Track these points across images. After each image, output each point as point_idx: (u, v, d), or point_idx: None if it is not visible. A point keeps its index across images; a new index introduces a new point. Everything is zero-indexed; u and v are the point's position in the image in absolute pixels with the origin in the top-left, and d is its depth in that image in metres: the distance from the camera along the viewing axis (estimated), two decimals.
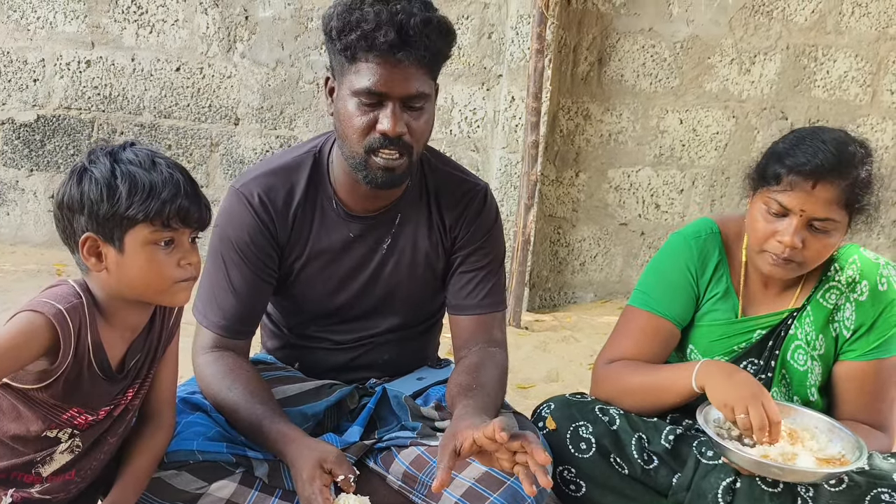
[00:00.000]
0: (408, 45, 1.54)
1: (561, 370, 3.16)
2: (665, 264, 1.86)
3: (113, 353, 1.46)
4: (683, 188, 4.10)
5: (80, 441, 1.48)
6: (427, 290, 1.89)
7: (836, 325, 1.78)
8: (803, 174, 1.62)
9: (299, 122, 4.06)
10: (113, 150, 1.40)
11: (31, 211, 4.20)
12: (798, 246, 1.64)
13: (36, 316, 1.34)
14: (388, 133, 1.58)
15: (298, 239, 1.78)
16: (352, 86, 1.59)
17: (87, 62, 4.06)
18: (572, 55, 3.93)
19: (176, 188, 1.37)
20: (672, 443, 1.70)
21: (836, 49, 3.99)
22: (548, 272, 4.14)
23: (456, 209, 1.82)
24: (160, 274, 1.39)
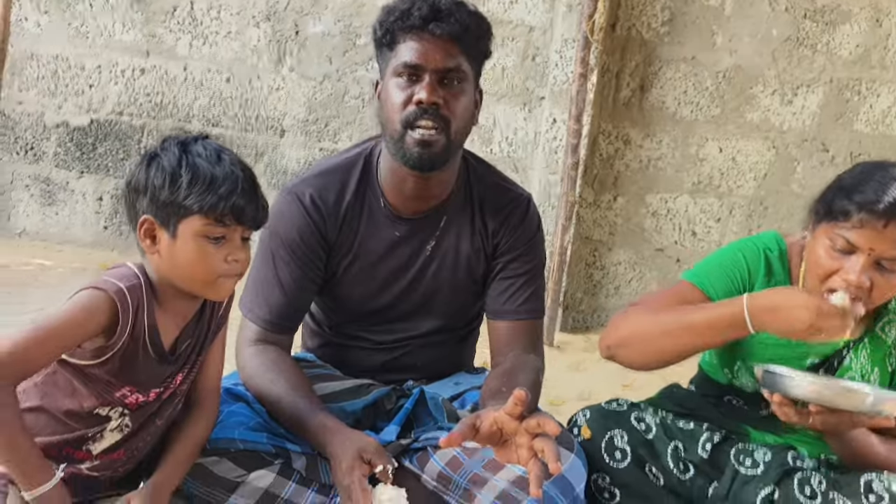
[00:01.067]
0: (440, 19, 1.66)
1: (594, 389, 3.16)
2: (729, 256, 1.82)
3: (166, 335, 1.51)
4: (721, 217, 4.10)
5: (129, 420, 1.52)
6: (467, 295, 1.92)
7: (894, 359, 1.75)
8: (875, 213, 1.56)
9: (343, 135, 4.14)
10: (185, 140, 1.46)
11: (79, 212, 4.31)
12: (865, 285, 1.59)
13: (98, 293, 1.40)
14: (424, 101, 1.65)
15: (346, 238, 1.82)
16: (393, 69, 1.69)
17: (141, 70, 4.18)
18: (615, 80, 3.97)
19: (234, 185, 1.41)
20: (709, 451, 1.69)
21: (880, 83, 3.99)
22: (582, 294, 4.15)
23: (499, 216, 1.86)
24: (206, 266, 1.44)
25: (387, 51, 1.72)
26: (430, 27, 1.66)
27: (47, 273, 3.88)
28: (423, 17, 1.66)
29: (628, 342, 1.73)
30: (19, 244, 4.25)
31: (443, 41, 1.68)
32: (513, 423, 1.45)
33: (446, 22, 1.67)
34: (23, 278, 3.75)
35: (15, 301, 3.40)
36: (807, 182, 3.94)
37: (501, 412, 1.45)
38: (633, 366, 1.75)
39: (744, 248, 1.82)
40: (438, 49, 1.68)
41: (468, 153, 1.90)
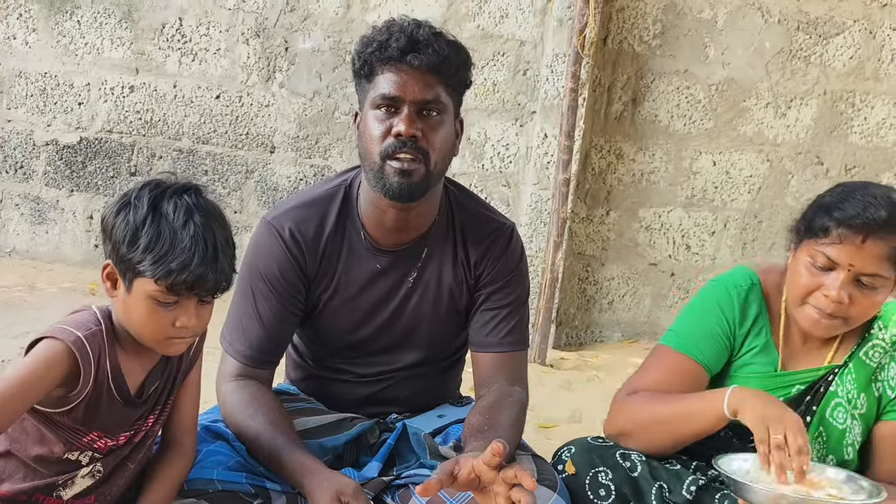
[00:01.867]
0: (417, 50, 1.65)
1: (584, 411, 3.13)
2: (703, 311, 1.82)
3: (132, 378, 1.49)
4: (715, 230, 4.08)
5: (101, 466, 1.50)
6: (450, 326, 1.90)
7: (880, 384, 1.74)
8: (854, 228, 1.58)
9: (334, 152, 4.12)
10: (162, 192, 1.42)
11: (69, 230, 4.29)
12: (844, 301, 1.60)
13: (55, 344, 1.38)
14: (402, 133, 1.63)
15: (327, 271, 1.80)
16: (372, 100, 1.67)
17: (130, 87, 4.16)
18: (606, 94, 3.95)
19: (190, 258, 1.37)
20: (694, 493, 1.67)
21: (874, 96, 3.96)
22: (575, 310, 4.12)
23: (481, 247, 1.84)
24: (153, 327, 1.42)
25: (365, 82, 1.71)
26: (407, 59, 1.65)
27: (37, 293, 3.86)
28: (400, 49, 1.65)
29: (628, 434, 1.75)
30: (9, 263, 4.23)
31: (421, 73, 1.66)
32: (490, 473, 1.42)
33: (424, 53, 1.65)
34: (12, 299, 3.73)
35: (3, 322, 3.37)
36: (801, 195, 3.91)
37: (479, 461, 1.42)
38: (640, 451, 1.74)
39: (717, 299, 1.81)
40: (416, 81, 1.66)
41: (449, 181, 1.88)
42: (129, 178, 4.23)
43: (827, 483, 1.58)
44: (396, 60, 1.65)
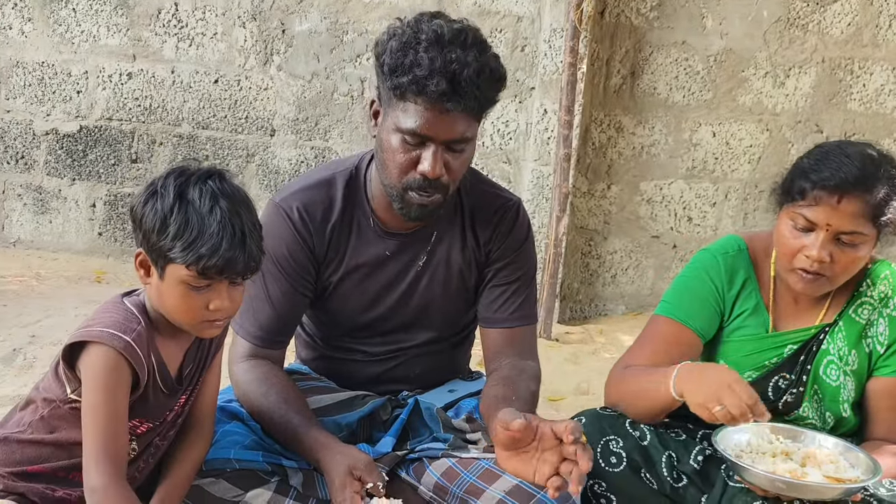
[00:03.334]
0: (458, 96, 1.55)
1: (591, 382, 3.17)
2: (691, 278, 1.87)
3: (172, 365, 1.53)
4: (716, 201, 4.09)
5: (136, 444, 1.53)
6: (460, 305, 1.91)
7: (870, 340, 1.78)
8: (828, 189, 1.62)
9: (334, 133, 4.12)
10: (187, 179, 1.44)
11: (72, 219, 4.30)
12: (826, 260, 1.64)
13: (109, 351, 1.42)
14: (428, 175, 1.61)
15: (336, 253, 1.81)
16: (397, 122, 1.61)
17: (128, 74, 4.16)
18: (605, 68, 3.95)
19: (219, 242, 1.40)
20: (701, 463, 1.70)
21: (872, 62, 3.96)
22: (579, 284, 4.15)
23: (489, 224, 1.85)
24: (189, 311, 1.46)
25: (392, 94, 1.61)
26: (446, 105, 1.56)
27: (44, 282, 3.88)
28: (440, 93, 1.54)
29: (620, 404, 1.80)
30: (14, 254, 4.25)
31: (458, 115, 1.58)
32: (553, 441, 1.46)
33: (465, 99, 1.56)
34: (19, 289, 3.75)
35: (12, 312, 3.40)
36: None
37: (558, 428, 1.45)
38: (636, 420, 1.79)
39: (706, 267, 1.85)
40: (451, 123, 1.59)
41: None
42: (131, 166, 4.24)
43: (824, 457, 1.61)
44: (434, 101, 1.56)
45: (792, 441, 1.67)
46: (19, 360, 2.92)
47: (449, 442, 1.76)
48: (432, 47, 1.56)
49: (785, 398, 1.82)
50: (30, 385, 2.68)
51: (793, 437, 1.68)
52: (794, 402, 1.81)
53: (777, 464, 1.58)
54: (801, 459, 1.61)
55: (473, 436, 1.83)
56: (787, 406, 1.82)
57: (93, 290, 3.82)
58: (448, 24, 1.60)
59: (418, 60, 1.55)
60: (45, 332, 3.20)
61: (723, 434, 1.63)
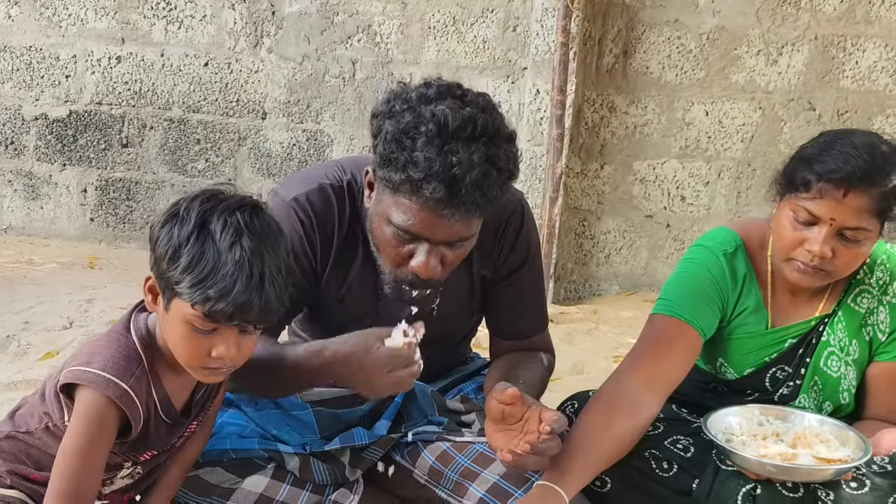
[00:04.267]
0: (457, 201, 1.37)
1: (586, 363, 3.18)
2: (692, 275, 1.78)
3: (178, 398, 1.45)
4: (709, 180, 4.09)
5: (140, 468, 1.51)
6: (468, 317, 1.88)
7: (870, 328, 1.75)
8: (834, 182, 1.55)
9: (326, 115, 4.10)
10: (212, 207, 1.29)
11: (64, 205, 4.28)
12: (828, 255, 1.59)
13: (99, 398, 1.32)
14: (421, 275, 1.47)
15: (339, 271, 1.68)
16: (390, 215, 1.45)
17: (117, 58, 4.12)
18: (597, 47, 3.93)
19: (233, 285, 1.23)
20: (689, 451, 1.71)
21: (865, 39, 3.94)
22: (573, 264, 4.15)
23: (495, 238, 1.72)
24: (189, 353, 1.33)
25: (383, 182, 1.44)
26: (444, 212, 1.39)
27: (36, 269, 3.86)
28: (437, 201, 1.37)
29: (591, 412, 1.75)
30: (5, 240, 4.23)
31: (457, 219, 1.41)
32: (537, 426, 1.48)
33: (465, 206, 1.38)
34: (11, 275, 3.73)
35: (5, 299, 3.39)
36: (794, 142, 3.90)
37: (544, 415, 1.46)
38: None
39: (708, 265, 1.77)
40: (448, 226, 1.42)
41: None
42: (122, 150, 4.21)
43: (814, 437, 1.61)
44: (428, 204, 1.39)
45: (781, 422, 1.67)
46: (13, 347, 2.92)
47: (444, 425, 1.77)
48: (431, 143, 1.36)
49: (781, 390, 1.80)
50: (25, 371, 2.69)
51: (782, 417, 1.69)
52: (790, 395, 1.80)
53: (768, 446, 1.58)
54: (792, 440, 1.61)
55: (468, 417, 1.84)
56: (783, 398, 1.80)
57: (86, 275, 3.81)
58: (454, 110, 1.37)
59: (414, 159, 1.36)
60: (38, 319, 3.19)
61: (712, 418, 1.64)
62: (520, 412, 1.49)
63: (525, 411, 1.49)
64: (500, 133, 1.42)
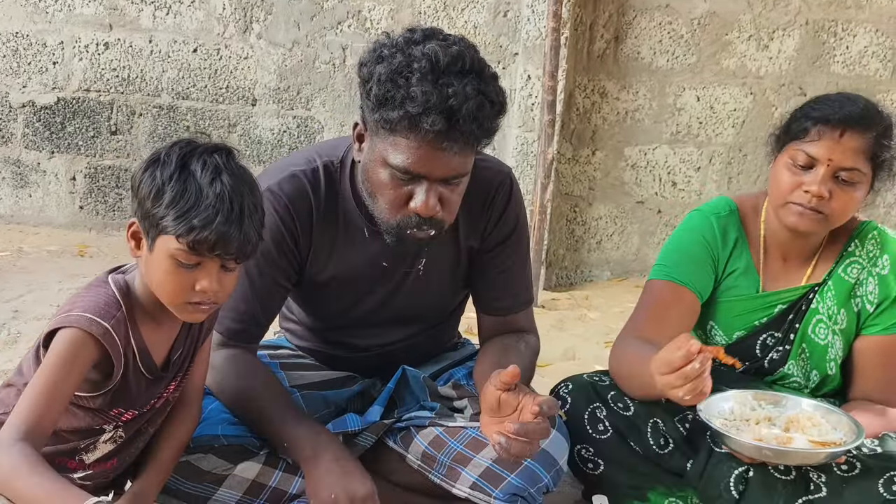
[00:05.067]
0: (456, 133, 1.41)
1: (578, 348, 3.19)
2: (685, 239, 1.86)
3: (158, 352, 1.48)
4: (700, 166, 4.09)
5: (122, 432, 1.51)
6: (455, 292, 1.88)
7: (859, 299, 1.79)
8: (831, 124, 1.65)
9: (316, 102, 4.08)
10: (191, 150, 1.37)
11: (53, 192, 4.25)
12: (825, 195, 1.65)
13: (78, 333, 1.35)
14: (422, 214, 1.49)
15: (321, 250, 1.70)
16: (387, 156, 1.47)
17: (105, 44, 4.08)
18: (588, 33, 3.92)
19: (215, 214, 1.31)
20: (687, 429, 1.72)
21: (856, 24, 3.95)
22: (564, 251, 4.15)
23: (483, 208, 1.74)
24: (174, 289, 1.37)
25: (379, 126, 1.46)
26: (442, 144, 1.41)
27: (25, 257, 3.84)
28: (435, 133, 1.39)
29: (619, 381, 1.80)
30: None
31: (454, 152, 1.44)
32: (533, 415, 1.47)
33: (463, 136, 1.41)
34: (1, 264, 3.71)
35: None
36: None
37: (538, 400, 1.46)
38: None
39: (699, 228, 1.85)
40: (447, 160, 1.44)
41: None
42: (111, 137, 4.18)
43: (807, 421, 1.63)
44: (427, 139, 1.41)
45: (774, 406, 1.69)
46: (3, 336, 2.91)
47: (436, 410, 1.77)
48: (426, 78, 1.39)
49: (771, 355, 1.84)
50: (15, 360, 2.67)
51: (775, 402, 1.70)
52: (779, 360, 1.84)
53: (761, 430, 1.60)
54: (785, 424, 1.63)
55: (460, 403, 1.84)
56: (773, 364, 1.84)
57: (76, 264, 3.79)
58: (443, 48, 1.42)
59: (411, 94, 1.39)
60: (28, 307, 3.18)
61: (707, 402, 1.64)
62: (515, 401, 1.48)
63: (520, 400, 1.48)
64: (486, 69, 1.48)
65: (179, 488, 1.62)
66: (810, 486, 1.61)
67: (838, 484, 1.58)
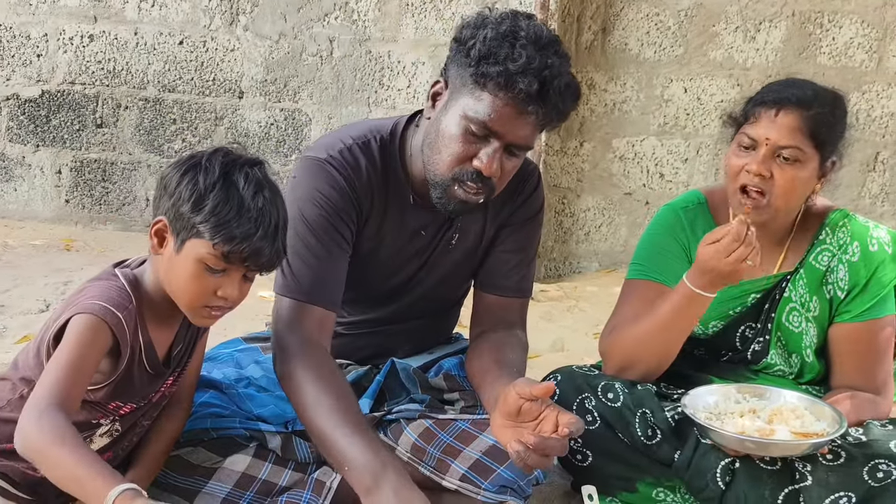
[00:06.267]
0: (543, 101, 1.50)
1: (566, 340, 3.20)
2: (656, 235, 1.90)
3: (160, 348, 1.50)
4: (688, 157, 4.10)
5: (119, 426, 1.52)
6: (466, 280, 1.91)
7: (830, 286, 1.81)
8: (767, 104, 1.72)
9: (303, 94, 4.06)
10: (233, 161, 1.41)
11: (38, 186, 4.22)
12: (765, 174, 1.69)
13: (93, 319, 1.37)
14: (484, 172, 1.55)
15: (374, 219, 1.73)
16: (468, 109, 1.53)
17: (90, 36, 4.05)
18: (576, 24, 3.92)
19: (255, 228, 1.37)
20: (675, 420, 1.73)
21: (841, 15, 3.96)
22: (553, 242, 4.16)
23: (511, 191, 1.78)
24: (196, 290, 1.40)
25: (470, 79, 1.53)
26: (529, 108, 1.50)
27: (11, 251, 3.81)
28: (527, 94, 1.49)
29: (628, 364, 1.81)
30: None
31: (533, 120, 1.53)
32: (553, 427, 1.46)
33: (548, 107, 1.52)
34: None
35: None
36: None
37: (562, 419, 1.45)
38: (644, 379, 1.81)
39: (669, 223, 1.89)
40: (523, 125, 1.54)
41: None
42: (96, 131, 4.15)
43: (790, 412, 1.64)
44: (518, 99, 1.50)
45: (758, 399, 1.71)
46: None
47: (426, 402, 1.78)
48: (530, 45, 1.49)
49: (752, 346, 1.86)
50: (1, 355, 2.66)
51: (758, 395, 1.72)
52: (761, 351, 1.85)
53: (745, 422, 1.61)
54: (769, 416, 1.64)
55: (451, 395, 1.84)
56: (756, 355, 1.86)
57: (62, 258, 3.77)
58: (545, 30, 1.54)
59: (514, 55, 1.48)
60: (14, 302, 3.16)
61: (691, 397, 1.66)
62: (537, 411, 1.48)
63: (542, 411, 1.48)
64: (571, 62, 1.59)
65: (170, 482, 1.61)
66: (795, 475, 1.62)
67: (823, 473, 1.60)
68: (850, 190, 4.08)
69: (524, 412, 1.48)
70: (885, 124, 4.03)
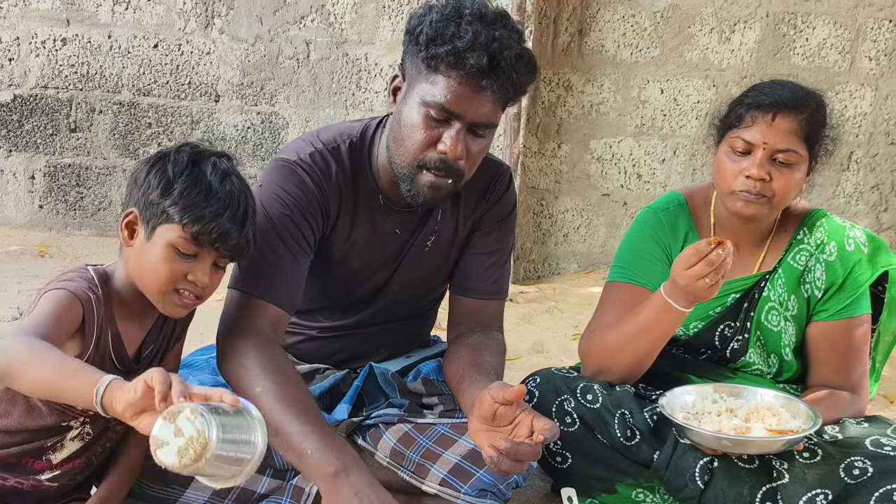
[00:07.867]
0: (495, 74, 1.51)
1: (546, 341, 3.20)
2: (637, 238, 1.90)
3: (130, 344, 1.49)
4: (665, 158, 4.13)
5: (90, 429, 1.50)
6: (442, 282, 1.89)
7: (808, 286, 1.83)
8: (763, 108, 1.72)
9: (280, 97, 4.04)
10: (200, 153, 1.45)
11: (11, 192, 4.16)
12: (765, 178, 1.70)
13: (63, 291, 1.38)
14: (448, 155, 1.54)
15: (343, 223, 1.72)
16: (424, 95, 1.54)
17: (62, 40, 4.00)
18: (553, 26, 3.93)
19: (223, 209, 1.40)
20: (654, 421, 1.73)
21: (814, 16, 4.01)
22: (531, 244, 4.17)
23: (482, 192, 1.80)
24: (165, 275, 1.41)
25: (423, 66, 1.54)
26: (482, 82, 1.51)
27: None
28: (478, 68, 1.49)
29: (605, 367, 1.81)
30: None
31: (489, 96, 1.53)
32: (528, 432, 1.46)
33: (500, 80, 1.52)
34: None
35: None
36: None
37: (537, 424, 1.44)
38: (622, 382, 1.81)
39: (650, 225, 1.90)
40: (481, 102, 1.53)
41: None
42: (70, 135, 4.10)
43: (766, 411, 1.66)
44: (470, 76, 1.50)
45: (735, 398, 1.72)
46: None
47: (405, 407, 1.77)
48: (476, 22, 1.51)
49: (731, 345, 1.87)
50: None
51: (735, 394, 1.73)
52: (740, 350, 1.87)
53: (722, 422, 1.62)
54: (746, 415, 1.65)
55: (429, 399, 1.83)
56: (735, 354, 1.87)
57: (36, 264, 3.72)
58: (490, 5, 1.56)
59: (461, 33, 1.49)
60: None
61: (668, 397, 1.67)
62: (511, 415, 1.47)
63: (517, 416, 1.47)
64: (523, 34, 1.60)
65: (146, 491, 1.60)
66: (773, 473, 1.63)
67: (801, 470, 1.61)
68: (825, 189, 4.13)
69: (499, 416, 1.47)
70: (859, 124, 4.08)
